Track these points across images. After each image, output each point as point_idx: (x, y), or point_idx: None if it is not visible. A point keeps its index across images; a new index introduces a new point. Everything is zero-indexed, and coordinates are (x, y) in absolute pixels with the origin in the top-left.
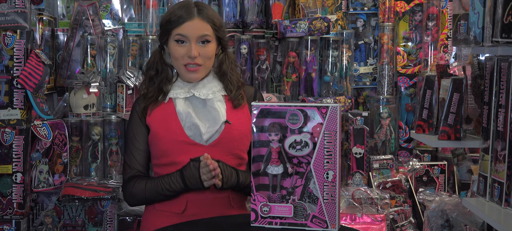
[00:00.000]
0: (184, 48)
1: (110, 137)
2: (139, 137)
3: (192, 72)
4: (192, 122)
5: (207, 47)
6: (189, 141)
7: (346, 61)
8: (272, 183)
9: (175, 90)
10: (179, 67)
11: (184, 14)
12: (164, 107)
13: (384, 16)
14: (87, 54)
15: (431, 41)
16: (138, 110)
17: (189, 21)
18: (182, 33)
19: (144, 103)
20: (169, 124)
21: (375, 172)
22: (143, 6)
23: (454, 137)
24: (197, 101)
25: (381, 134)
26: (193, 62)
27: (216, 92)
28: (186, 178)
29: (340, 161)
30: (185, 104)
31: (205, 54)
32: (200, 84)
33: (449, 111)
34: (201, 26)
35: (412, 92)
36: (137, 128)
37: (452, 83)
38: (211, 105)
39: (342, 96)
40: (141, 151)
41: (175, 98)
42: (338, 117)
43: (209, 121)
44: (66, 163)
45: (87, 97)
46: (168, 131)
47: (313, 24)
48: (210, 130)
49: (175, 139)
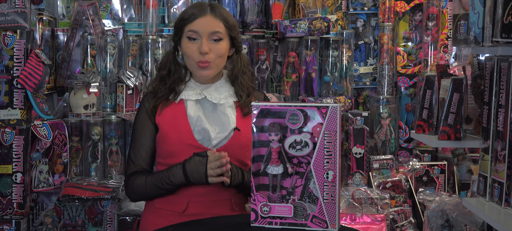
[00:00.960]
0: (195, 45)
1: (110, 137)
2: (146, 133)
3: (203, 68)
4: (202, 126)
5: (218, 45)
6: (198, 144)
7: (346, 61)
8: (272, 183)
9: (187, 91)
10: (192, 65)
11: (197, 11)
12: (175, 108)
13: (384, 16)
14: (87, 54)
15: (431, 41)
16: (147, 108)
17: (201, 17)
18: (193, 29)
19: (155, 101)
20: (179, 126)
21: (375, 172)
22: (143, 6)
23: (454, 137)
24: (208, 104)
25: (381, 134)
26: (204, 59)
27: (228, 97)
28: (189, 172)
29: (340, 161)
30: (196, 107)
31: (217, 52)
32: (212, 87)
33: (449, 111)
34: (213, 22)
35: (412, 92)
36: (145, 124)
37: (452, 83)
38: (222, 111)
39: (342, 96)
40: (147, 148)
41: (186, 100)
42: (338, 116)
43: (219, 126)
44: (66, 163)
45: (87, 97)
46: (178, 133)
47: (313, 24)
48: (220, 135)
49: (184, 142)
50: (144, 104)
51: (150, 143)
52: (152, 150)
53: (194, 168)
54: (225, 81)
